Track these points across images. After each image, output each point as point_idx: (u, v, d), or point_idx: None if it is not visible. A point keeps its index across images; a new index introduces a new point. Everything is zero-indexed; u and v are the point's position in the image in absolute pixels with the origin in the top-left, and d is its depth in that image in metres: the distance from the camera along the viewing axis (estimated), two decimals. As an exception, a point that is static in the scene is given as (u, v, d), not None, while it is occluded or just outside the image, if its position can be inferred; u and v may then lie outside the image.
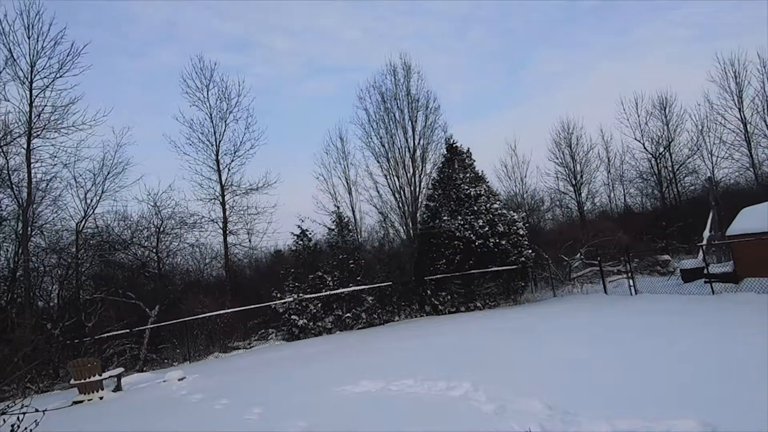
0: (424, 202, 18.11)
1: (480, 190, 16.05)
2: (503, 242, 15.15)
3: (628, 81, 49.72)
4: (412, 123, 19.31)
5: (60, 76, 13.34)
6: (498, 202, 16.28)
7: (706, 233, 14.97)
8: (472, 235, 15.13)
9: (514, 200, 26.23)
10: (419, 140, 19.20)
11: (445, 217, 15.78)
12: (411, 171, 18.98)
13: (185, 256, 18.25)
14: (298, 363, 8.95)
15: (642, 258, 17.81)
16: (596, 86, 49.05)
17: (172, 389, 7.97)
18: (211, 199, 17.20)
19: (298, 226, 15.87)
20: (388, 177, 19.24)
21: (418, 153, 19.14)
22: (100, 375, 8.23)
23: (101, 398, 8.06)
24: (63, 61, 13.28)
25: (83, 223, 14.89)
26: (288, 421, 4.84)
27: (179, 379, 8.62)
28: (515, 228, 15.55)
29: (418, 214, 18.21)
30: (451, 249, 15.36)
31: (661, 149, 25.86)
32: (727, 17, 46.30)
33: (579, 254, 17.69)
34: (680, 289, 12.38)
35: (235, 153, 17.65)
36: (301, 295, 14.06)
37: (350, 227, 17.17)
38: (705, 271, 12.19)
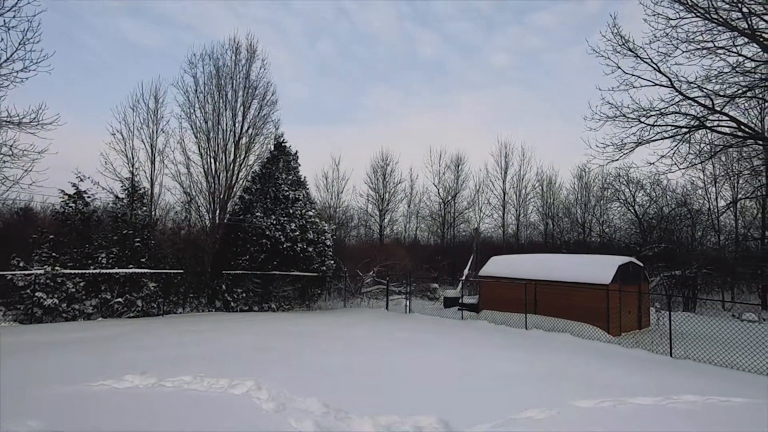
0: (239, 193, 17.27)
1: (299, 195, 16.30)
2: (310, 249, 15.65)
3: (439, 133, 58.93)
4: (244, 108, 18.36)
5: None
6: (313, 210, 16.81)
7: (466, 271, 18.79)
8: (282, 237, 15.13)
9: (328, 212, 27.50)
10: (248, 128, 18.35)
11: (258, 214, 15.37)
12: (232, 157, 17.90)
13: None
14: (39, 351, 7.18)
15: (419, 284, 21.02)
16: (416, 130, 56.39)
17: None
18: (-63, 120, 12.40)
19: (74, 185, 12.94)
20: (204, 157, 17.66)
21: (243, 141, 18.24)
22: None
23: None
24: None
25: None
26: (16, 421, 3.85)
27: None
28: (324, 238, 16.29)
29: (229, 204, 17.20)
30: (258, 246, 15.01)
31: (449, 198, 31.42)
32: (510, 107, 60.22)
33: (372, 272, 19.67)
34: (441, 312, 15.12)
35: (-5, 69, 13.25)
36: (58, 268, 11.35)
37: (145, 200, 14.92)
38: (460, 301, 15.25)
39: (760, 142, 11.42)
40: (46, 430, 3.75)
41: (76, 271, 11.74)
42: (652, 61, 10.24)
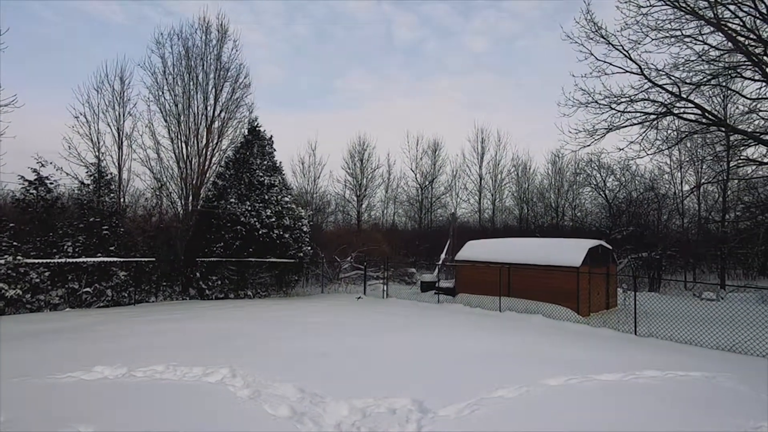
0: (212, 179, 16.85)
1: (274, 180, 16.04)
2: (286, 235, 15.49)
3: (416, 118, 58.78)
4: (216, 91, 17.80)
5: None
6: (289, 196, 16.59)
7: (443, 256, 19.02)
8: (257, 223, 14.91)
9: (304, 197, 27.24)
10: (221, 112, 17.83)
11: (232, 200, 15.07)
12: (204, 142, 17.38)
13: None
14: (2, 343, 6.91)
15: (396, 269, 21.17)
16: (393, 114, 56.06)
17: None
18: None
19: (35, 171, 12.35)
20: (175, 141, 17.09)
21: (216, 125, 17.72)
22: None
23: None
24: None
25: None
26: (-26, 416, 3.71)
27: None
28: (300, 224, 16.14)
29: (202, 190, 16.78)
30: (233, 233, 14.76)
31: (427, 183, 31.57)
32: (487, 93, 60.50)
33: (350, 258, 19.67)
34: (418, 296, 15.32)
35: (-58, 46, 12.36)
36: (20, 258, 10.88)
37: (112, 187, 14.38)
38: (437, 285, 15.47)
39: (723, 129, 11.88)
40: (10, 430, 3.64)
41: (40, 261, 11.28)
42: (623, 49, 10.43)
